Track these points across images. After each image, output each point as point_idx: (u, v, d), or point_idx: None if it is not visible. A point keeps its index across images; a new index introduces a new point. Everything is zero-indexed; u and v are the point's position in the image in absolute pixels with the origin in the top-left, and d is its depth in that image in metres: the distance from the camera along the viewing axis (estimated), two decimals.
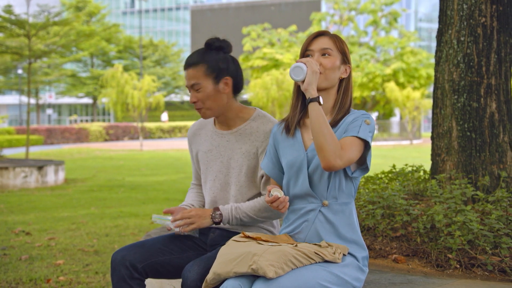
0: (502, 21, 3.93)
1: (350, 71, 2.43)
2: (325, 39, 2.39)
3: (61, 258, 5.43)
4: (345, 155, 2.21)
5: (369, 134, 2.28)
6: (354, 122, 2.30)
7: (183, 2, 79.24)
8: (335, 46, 2.38)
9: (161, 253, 2.60)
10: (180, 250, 2.66)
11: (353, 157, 2.24)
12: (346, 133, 2.29)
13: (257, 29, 39.58)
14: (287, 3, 66.52)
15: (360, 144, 2.27)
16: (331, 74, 2.36)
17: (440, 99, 4.01)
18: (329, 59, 2.35)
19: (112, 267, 2.54)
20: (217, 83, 2.59)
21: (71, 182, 12.99)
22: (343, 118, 2.37)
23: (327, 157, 2.18)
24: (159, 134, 41.73)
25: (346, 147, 2.23)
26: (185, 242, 2.70)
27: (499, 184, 3.78)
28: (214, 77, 2.58)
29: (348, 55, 2.42)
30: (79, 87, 51.22)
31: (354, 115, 2.34)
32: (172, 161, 19.38)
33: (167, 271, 2.62)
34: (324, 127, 2.20)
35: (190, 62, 2.60)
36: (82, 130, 35.92)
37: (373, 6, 38.61)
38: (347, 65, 2.42)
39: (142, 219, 7.76)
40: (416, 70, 36.47)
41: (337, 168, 2.20)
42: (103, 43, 49.07)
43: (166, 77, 55.17)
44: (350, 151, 2.23)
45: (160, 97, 30.34)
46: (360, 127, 2.27)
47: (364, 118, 2.31)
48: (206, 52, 2.63)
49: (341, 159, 2.20)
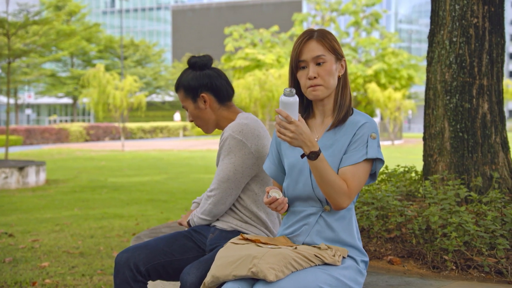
0: (494, 22, 3.94)
1: (345, 64, 2.34)
2: (313, 43, 2.27)
3: (46, 260, 5.33)
4: (353, 192, 2.21)
5: (378, 150, 2.23)
6: (359, 140, 2.23)
7: (164, 2, 78.96)
8: (325, 48, 2.26)
9: (163, 254, 2.59)
10: (181, 251, 2.64)
11: (361, 186, 2.24)
12: (352, 154, 2.22)
13: (239, 29, 39.54)
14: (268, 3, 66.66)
15: (366, 165, 2.23)
16: (331, 80, 2.27)
17: (432, 99, 4.01)
18: (324, 67, 2.25)
19: (115, 269, 2.53)
20: (196, 102, 2.71)
21: (53, 183, 12.83)
22: (346, 117, 2.30)
23: (335, 201, 2.20)
24: (140, 134, 41.49)
25: (352, 181, 2.20)
26: (186, 243, 2.68)
27: (492, 185, 3.79)
28: (191, 97, 2.71)
29: (339, 50, 2.30)
30: (58, 87, 50.71)
31: (358, 123, 2.26)
32: (155, 162, 19.25)
33: (167, 273, 2.61)
34: (327, 177, 2.16)
35: (175, 87, 2.77)
36: (62, 130, 35.57)
37: (354, 7, 38.80)
38: (341, 60, 2.32)
39: (127, 220, 7.67)
40: (397, 71, 36.72)
41: (347, 206, 2.23)
42: (83, 43, 48.60)
43: (147, 77, 54.89)
44: (356, 184, 2.21)
45: (142, 97, 30.17)
46: (367, 147, 2.22)
47: (370, 132, 2.23)
48: (183, 74, 2.75)
49: (350, 198, 2.21)
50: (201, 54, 2.78)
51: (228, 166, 2.58)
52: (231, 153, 2.57)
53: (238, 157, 2.57)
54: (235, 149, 2.56)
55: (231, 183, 2.59)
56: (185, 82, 2.69)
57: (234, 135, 2.56)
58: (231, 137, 2.57)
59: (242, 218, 2.65)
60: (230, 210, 2.68)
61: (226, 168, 2.58)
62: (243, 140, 2.56)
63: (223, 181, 2.58)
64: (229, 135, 2.57)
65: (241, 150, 2.57)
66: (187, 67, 2.75)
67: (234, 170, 2.57)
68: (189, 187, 11.65)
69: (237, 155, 2.57)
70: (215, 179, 2.62)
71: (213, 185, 2.63)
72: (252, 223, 2.65)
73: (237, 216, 2.66)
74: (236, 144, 2.57)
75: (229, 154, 2.58)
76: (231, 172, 2.57)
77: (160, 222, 7.40)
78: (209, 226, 2.72)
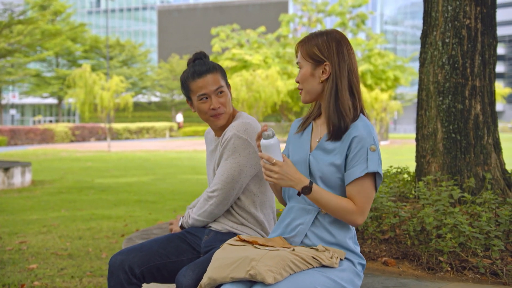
0: (486, 23, 3.95)
1: (331, 69, 2.23)
2: (298, 48, 2.31)
3: (34, 262, 5.27)
4: (363, 208, 2.18)
5: (378, 162, 2.19)
6: (358, 154, 2.18)
7: (150, 2, 78.67)
8: (301, 55, 2.27)
9: (158, 256, 2.56)
10: (176, 253, 2.61)
11: (370, 200, 2.21)
12: (353, 170, 2.18)
13: (226, 30, 39.47)
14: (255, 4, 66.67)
15: (369, 179, 2.19)
16: (307, 85, 2.27)
17: (425, 100, 4.01)
18: (300, 73, 2.29)
19: (109, 271, 2.49)
20: (192, 106, 2.71)
21: (39, 184, 12.70)
22: (341, 128, 2.22)
23: (348, 221, 2.20)
24: (126, 135, 41.29)
25: (359, 198, 2.18)
26: (181, 245, 2.65)
27: (484, 186, 3.79)
28: (187, 102, 2.71)
29: (322, 54, 2.23)
30: (43, 87, 50.34)
31: (351, 134, 2.20)
32: (141, 162, 19.15)
33: (162, 276, 2.57)
34: (329, 205, 2.16)
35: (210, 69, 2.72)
36: (47, 130, 35.26)
37: (341, 8, 38.90)
38: (323, 64, 2.24)
39: (115, 221, 7.61)
40: (383, 72, 36.86)
41: (362, 222, 2.21)
42: (68, 43, 48.27)
43: (133, 78, 54.64)
44: (364, 200, 2.18)
45: (129, 98, 30.01)
46: (367, 160, 2.17)
47: (369, 144, 2.18)
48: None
49: (362, 214, 2.19)
50: (187, 55, 2.74)
51: (233, 166, 2.54)
52: (236, 153, 2.54)
53: (243, 157, 2.54)
54: (240, 149, 2.54)
55: (235, 183, 2.56)
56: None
57: (239, 134, 2.54)
58: (235, 136, 2.54)
59: (238, 220, 2.62)
60: (226, 211, 2.65)
61: (231, 168, 2.55)
62: (248, 139, 2.54)
63: (227, 181, 2.55)
64: (234, 135, 2.54)
65: (246, 149, 2.54)
66: (171, 67, 2.73)
67: (239, 170, 2.54)
68: (177, 188, 11.59)
69: (242, 155, 2.54)
70: (218, 179, 2.58)
71: (215, 185, 2.59)
72: (248, 225, 2.62)
73: (233, 218, 2.63)
74: (242, 144, 2.54)
75: (234, 154, 2.54)
76: (236, 172, 2.54)
77: (148, 223, 7.35)
78: (204, 227, 2.69)
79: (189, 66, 2.67)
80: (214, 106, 2.59)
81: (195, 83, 2.60)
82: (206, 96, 2.60)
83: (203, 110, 2.62)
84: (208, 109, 2.60)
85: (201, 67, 2.62)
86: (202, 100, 2.60)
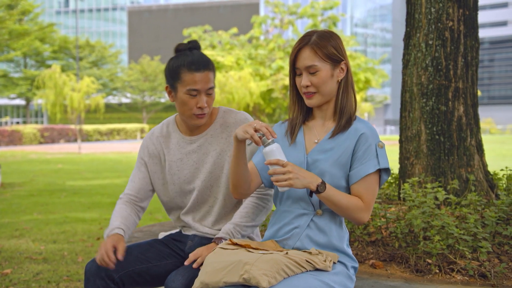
0: (469, 25, 3.96)
1: (346, 67, 2.24)
2: (307, 52, 2.18)
3: (7, 267, 5.12)
4: (370, 205, 2.17)
5: (387, 159, 2.20)
6: (367, 151, 2.17)
7: (120, 3, 77.97)
8: (318, 57, 2.17)
9: (138, 262, 2.46)
10: (158, 258, 2.52)
11: (375, 196, 2.20)
12: (363, 166, 2.16)
13: (198, 31, 39.32)
14: (226, 5, 66.60)
15: (376, 176, 2.19)
16: (326, 88, 2.20)
17: (408, 102, 4.00)
18: (317, 76, 2.18)
19: (86, 278, 2.36)
20: (171, 95, 2.53)
21: (8, 186, 12.43)
22: (348, 123, 2.23)
23: (356, 219, 2.17)
24: (96, 136, 40.83)
25: (366, 195, 2.16)
26: (163, 250, 2.57)
27: (468, 187, 3.80)
28: (167, 88, 2.52)
29: (339, 53, 2.21)
30: (10, 87, 49.42)
31: (359, 131, 2.20)
32: (113, 164, 18.92)
33: (145, 280, 2.48)
34: (340, 203, 2.12)
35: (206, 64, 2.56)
36: (15, 132, 34.65)
37: (312, 10, 39.05)
38: (341, 64, 2.22)
39: (90, 224, 7.47)
40: (355, 74, 37.11)
41: (367, 219, 2.20)
42: (37, 43, 47.50)
43: (103, 79, 54.05)
44: (371, 197, 2.17)
45: (100, 99, 29.67)
46: (377, 157, 2.17)
47: (375, 141, 2.19)
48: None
49: (368, 211, 2.17)
50: (157, 56, 2.61)
51: None
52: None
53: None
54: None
55: None
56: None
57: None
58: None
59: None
60: (217, 219, 2.58)
61: None
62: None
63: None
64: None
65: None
66: (142, 69, 2.59)
67: None
68: None
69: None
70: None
71: (265, 190, 2.52)
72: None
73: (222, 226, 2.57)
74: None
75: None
76: None
77: None
78: (188, 234, 2.61)
79: (183, 53, 2.46)
80: (202, 105, 2.43)
81: (190, 75, 2.40)
82: (196, 93, 2.42)
83: (188, 105, 2.43)
84: (194, 106, 2.43)
85: (200, 60, 2.43)
86: (191, 95, 2.42)
